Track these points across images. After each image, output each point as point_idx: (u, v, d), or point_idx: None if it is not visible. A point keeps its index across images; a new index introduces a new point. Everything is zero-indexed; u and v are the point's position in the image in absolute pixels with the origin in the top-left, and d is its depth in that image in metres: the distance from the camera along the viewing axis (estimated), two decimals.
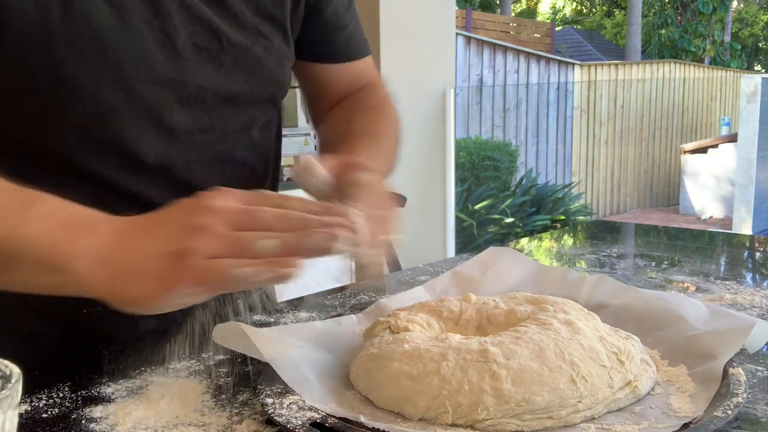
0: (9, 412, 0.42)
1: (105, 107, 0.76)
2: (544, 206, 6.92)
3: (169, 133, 0.82)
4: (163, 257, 0.59)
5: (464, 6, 15.53)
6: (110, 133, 0.78)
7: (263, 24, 0.87)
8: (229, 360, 0.76)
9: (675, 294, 0.82)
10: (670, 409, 0.62)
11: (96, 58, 0.74)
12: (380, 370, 0.65)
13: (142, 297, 0.59)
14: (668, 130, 10.41)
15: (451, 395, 0.60)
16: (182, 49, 0.80)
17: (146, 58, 0.77)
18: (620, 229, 1.78)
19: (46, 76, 0.73)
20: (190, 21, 0.80)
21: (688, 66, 11.06)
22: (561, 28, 18.62)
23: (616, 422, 0.60)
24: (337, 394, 0.66)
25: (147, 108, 0.79)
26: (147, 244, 0.60)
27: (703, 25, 16.74)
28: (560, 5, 24.66)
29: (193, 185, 0.83)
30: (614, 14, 22.24)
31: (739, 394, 0.61)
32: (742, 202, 7.77)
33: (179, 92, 0.81)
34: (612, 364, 0.64)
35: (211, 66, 0.83)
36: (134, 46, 0.76)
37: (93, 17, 0.73)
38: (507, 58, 8.40)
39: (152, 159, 0.81)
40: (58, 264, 0.60)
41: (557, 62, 9.01)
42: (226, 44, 0.83)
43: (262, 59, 0.87)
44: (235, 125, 0.89)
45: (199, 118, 0.84)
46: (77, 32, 0.73)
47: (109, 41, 0.75)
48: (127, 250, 0.61)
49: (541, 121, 8.73)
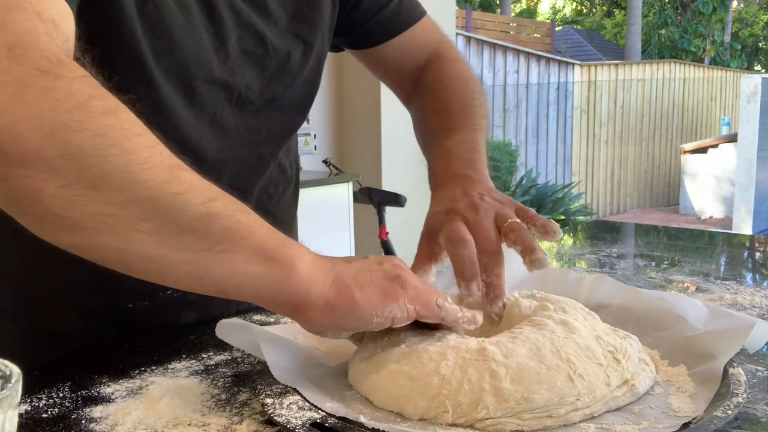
0: (9, 412, 0.42)
1: (172, 101, 0.79)
2: (544, 206, 6.92)
3: (222, 132, 0.85)
4: (384, 277, 0.65)
5: (464, 6, 15.54)
6: (173, 128, 0.80)
7: (302, 28, 0.90)
8: (229, 360, 0.77)
9: (675, 294, 0.82)
10: (670, 409, 0.62)
11: (166, 55, 0.77)
12: (378, 371, 0.65)
13: (366, 302, 0.62)
14: (668, 130, 10.42)
15: (451, 394, 0.60)
16: (232, 53, 0.83)
17: (204, 58, 0.80)
18: (620, 229, 1.78)
19: (127, 61, 0.75)
20: (239, 26, 0.83)
21: (688, 66, 11.06)
22: (561, 28, 18.62)
23: (615, 422, 0.60)
24: (337, 393, 0.66)
25: (203, 105, 0.82)
26: (361, 267, 0.65)
27: (703, 25, 16.75)
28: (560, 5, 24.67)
29: (241, 184, 0.88)
30: (614, 14, 22.25)
31: (739, 394, 0.61)
32: (742, 202, 7.77)
33: (229, 93, 0.84)
34: (608, 362, 0.64)
35: (256, 69, 0.86)
36: (196, 46, 0.79)
37: (165, 16, 0.76)
38: (507, 58, 8.40)
39: (210, 155, 0.84)
40: (280, 255, 0.61)
41: (557, 62, 9.01)
42: (271, 49, 0.86)
43: (302, 63, 0.90)
44: (278, 127, 0.93)
45: (247, 119, 0.87)
46: (151, 28, 0.75)
47: (178, 39, 0.77)
48: (343, 265, 0.65)
49: (541, 121, 8.73)
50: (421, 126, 0.98)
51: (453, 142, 0.89)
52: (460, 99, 0.96)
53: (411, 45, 1.02)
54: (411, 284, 0.65)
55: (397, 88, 1.07)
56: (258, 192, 0.93)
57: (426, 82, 1.01)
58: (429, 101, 0.98)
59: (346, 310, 0.62)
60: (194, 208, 0.57)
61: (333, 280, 0.62)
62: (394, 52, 1.02)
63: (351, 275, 0.63)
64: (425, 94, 0.99)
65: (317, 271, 0.62)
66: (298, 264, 0.61)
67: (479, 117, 0.94)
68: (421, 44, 1.02)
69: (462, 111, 0.94)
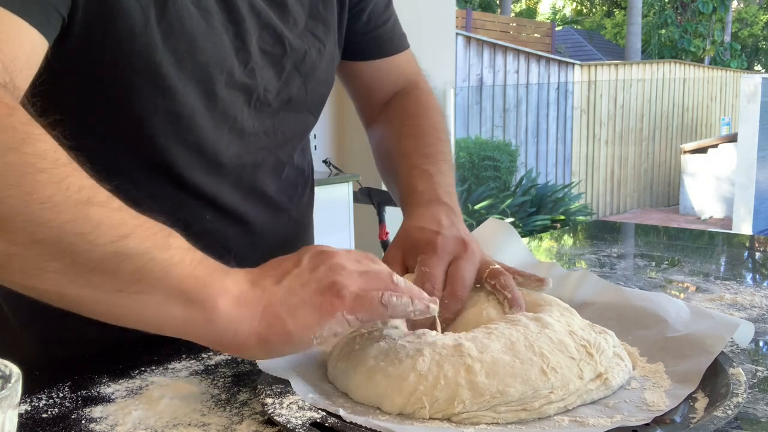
0: (9, 412, 0.42)
1: (192, 109, 0.78)
2: (544, 206, 6.92)
3: (240, 136, 0.85)
4: (317, 291, 0.60)
5: (464, 6, 15.54)
6: (193, 134, 0.80)
7: (318, 28, 0.90)
8: (229, 360, 0.77)
9: (658, 294, 0.83)
10: (644, 403, 0.63)
11: (187, 60, 0.76)
12: (356, 368, 0.65)
13: (300, 328, 0.59)
14: (668, 130, 10.41)
15: (427, 390, 0.61)
16: (253, 53, 0.82)
17: (225, 61, 0.80)
18: (620, 229, 1.79)
19: (143, 76, 0.74)
20: (258, 26, 0.83)
21: (688, 66, 11.06)
22: (561, 28, 18.62)
23: (589, 414, 0.61)
24: (319, 385, 0.67)
25: (223, 110, 0.81)
26: (291, 284, 0.61)
27: (703, 25, 16.74)
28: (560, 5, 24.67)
29: (258, 188, 0.89)
30: (614, 14, 22.25)
31: (739, 394, 0.61)
32: (742, 202, 7.77)
33: (248, 95, 0.84)
34: (581, 356, 0.65)
35: (274, 69, 0.85)
36: (217, 50, 0.79)
37: (185, 20, 0.75)
38: (507, 58, 8.40)
39: (227, 160, 0.84)
40: (200, 297, 0.58)
41: (557, 62, 9.01)
42: (289, 49, 0.86)
43: (317, 62, 0.90)
44: (294, 129, 0.93)
45: (264, 122, 0.87)
46: (171, 33, 0.74)
47: (199, 43, 0.77)
48: (272, 290, 0.61)
49: (541, 121, 8.73)
50: (394, 145, 0.98)
51: (435, 169, 0.90)
52: (436, 130, 0.98)
53: (391, 70, 1.04)
54: (348, 289, 0.61)
55: (364, 105, 1.07)
56: (277, 194, 0.93)
57: (403, 106, 1.02)
58: (406, 124, 0.99)
59: (280, 343, 0.60)
60: (101, 248, 0.55)
61: (261, 313, 0.59)
62: (375, 72, 1.03)
63: (281, 300, 0.60)
64: (402, 116, 1.00)
65: (243, 307, 0.59)
66: (221, 304, 0.58)
67: (450, 151, 0.97)
68: (400, 72, 1.05)
69: (438, 142, 0.96)
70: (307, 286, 0.61)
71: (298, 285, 0.61)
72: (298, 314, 0.59)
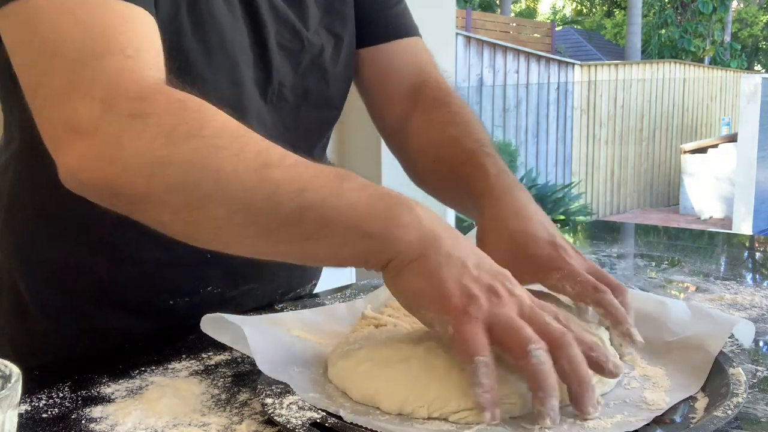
0: (9, 412, 0.42)
1: (221, 99, 0.77)
2: (544, 206, 6.90)
3: (263, 132, 0.84)
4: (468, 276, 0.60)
5: (464, 6, 15.54)
6: None
7: (335, 23, 0.90)
8: (229, 360, 0.77)
9: (656, 296, 0.83)
10: (644, 403, 0.63)
11: (216, 49, 0.77)
12: (353, 368, 0.65)
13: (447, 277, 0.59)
14: (668, 130, 10.42)
15: (425, 390, 0.61)
16: (270, 48, 0.83)
17: (247, 53, 0.80)
18: (620, 229, 1.79)
19: (174, 65, 0.73)
20: (276, 21, 0.83)
21: (688, 66, 11.07)
22: (561, 28, 18.64)
23: None
24: (319, 384, 0.67)
25: (249, 102, 0.82)
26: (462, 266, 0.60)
27: (703, 25, 16.76)
28: (560, 5, 24.69)
29: None
30: (614, 14, 22.26)
31: (739, 394, 0.61)
32: (742, 202, 7.78)
33: (265, 89, 0.84)
34: None
35: (290, 65, 0.86)
36: (241, 41, 0.79)
37: (214, 9, 0.76)
38: (507, 58, 8.41)
39: None
40: (378, 230, 0.60)
41: (557, 62, 9.01)
42: (306, 44, 0.86)
43: (334, 58, 0.90)
44: (314, 124, 0.93)
45: (285, 117, 0.87)
46: (201, 21, 0.75)
47: (226, 33, 0.78)
48: (443, 236, 0.61)
49: (541, 121, 8.73)
50: (439, 132, 0.92)
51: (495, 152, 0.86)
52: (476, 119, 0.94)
53: (405, 56, 0.98)
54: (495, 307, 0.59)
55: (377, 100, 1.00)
56: None
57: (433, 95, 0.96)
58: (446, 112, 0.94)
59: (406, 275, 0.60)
60: (285, 206, 0.60)
61: (427, 249, 0.60)
62: (387, 58, 0.97)
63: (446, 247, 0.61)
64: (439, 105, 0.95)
65: (416, 237, 0.60)
66: (397, 233, 0.60)
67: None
68: (413, 60, 0.98)
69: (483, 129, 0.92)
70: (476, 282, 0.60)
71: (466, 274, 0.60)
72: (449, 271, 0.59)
